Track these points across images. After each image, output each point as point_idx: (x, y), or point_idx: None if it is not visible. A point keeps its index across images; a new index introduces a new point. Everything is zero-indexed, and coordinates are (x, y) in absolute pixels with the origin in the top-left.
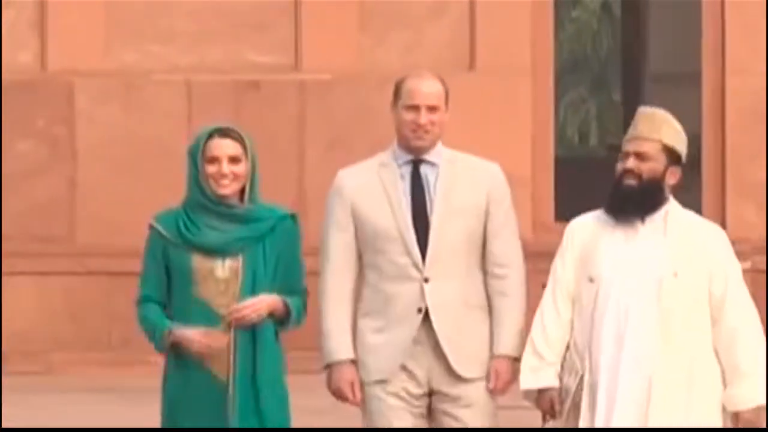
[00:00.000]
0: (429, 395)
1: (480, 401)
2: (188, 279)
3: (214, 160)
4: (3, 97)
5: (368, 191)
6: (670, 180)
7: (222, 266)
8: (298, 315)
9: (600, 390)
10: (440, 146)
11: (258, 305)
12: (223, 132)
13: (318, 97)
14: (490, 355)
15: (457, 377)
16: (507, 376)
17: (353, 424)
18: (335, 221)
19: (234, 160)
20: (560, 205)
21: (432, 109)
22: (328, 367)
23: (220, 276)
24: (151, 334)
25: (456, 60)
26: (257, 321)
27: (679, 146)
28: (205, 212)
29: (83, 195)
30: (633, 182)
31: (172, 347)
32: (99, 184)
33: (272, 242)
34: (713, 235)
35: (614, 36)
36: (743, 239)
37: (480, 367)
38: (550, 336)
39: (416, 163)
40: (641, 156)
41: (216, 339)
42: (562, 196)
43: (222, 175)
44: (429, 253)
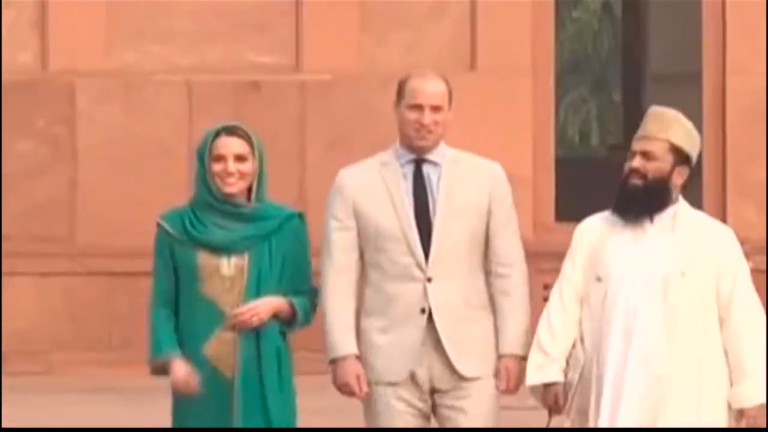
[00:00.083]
0: (431, 393)
1: (482, 400)
2: (194, 276)
3: (221, 159)
4: (3, 97)
5: (370, 190)
6: (677, 180)
7: (228, 264)
8: (305, 315)
9: (605, 387)
10: (443, 146)
11: (258, 309)
12: (231, 130)
13: (318, 98)
14: (497, 355)
15: (460, 376)
16: (517, 375)
17: (357, 424)
18: (337, 220)
19: (240, 159)
20: (561, 206)
21: (436, 109)
22: (333, 363)
23: (226, 274)
24: (151, 348)
25: (456, 60)
26: (259, 324)
27: (688, 146)
28: (212, 211)
29: (83, 195)
30: (638, 182)
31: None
32: (99, 184)
33: (278, 241)
34: (722, 235)
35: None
36: (743, 239)
37: (482, 366)
38: (556, 333)
39: (418, 163)
40: (647, 155)
41: (194, 386)
42: (563, 197)
43: (228, 174)
44: (432, 253)
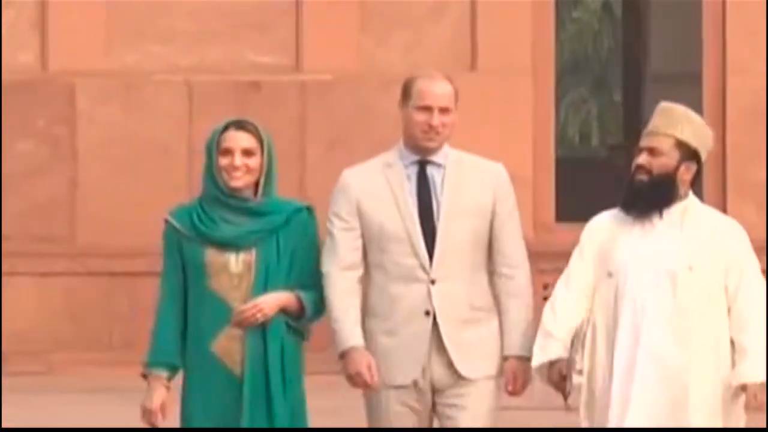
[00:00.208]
0: (432, 393)
1: (482, 398)
2: (202, 272)
3: (228, 152)
4: (3, 97)
5: (374, 191)
6: (685, 176)
7: (235, 260)
8: (315, 308)
9: (614, 382)
10: (446, 147)
11: (262, 305)
12: (239, 125)
13: (318, 98)
14: (503, 357)
15: (460, 377)
16: (524, 377)
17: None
18: (341, 219)
19: (247, 153)
20: (561, 206)
21: (444, 111)
22: (343, 356)
23: (234, 270)
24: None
25: (457, 60)
26: (264, 320)
27: (695, 142)
28: (219, 205)
29: (83, 195)
30: (644, 177)
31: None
32: (99, 184)
33: (286, 235)
34: (730, 230)
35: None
36: None
37: (484, 368)
38: (559, 315)
39: (422, 164)
40: (653, 151)
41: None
42: (563, 197)
43: (234, 168)
44: (436, 255)
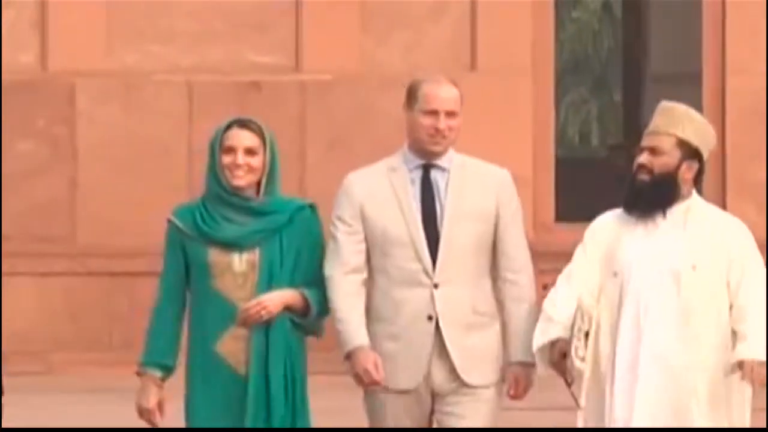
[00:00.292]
0: (432, 397)
1: (481, 405)
2: (206, 272)
3: (230, 151)
4: (3, 97)
5: (378, 195)
6: (687, 174)
7: (239, 260)
8: (320, 306)
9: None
10: (451, 151)
11: (267, 302)
12: (243, 123)
13: (318, 98)
14: (507, 362)
15: (461, 383)
16: (526, 383)
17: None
18: (344, 223)
19: (250, 152)
20: (561, 206)
21: (450, 115)
22: (348, 357)
23: (238, 270)
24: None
25: (457, 60)
26: (268, 318)
27: (696, 141)
28: (222, 204)
29: (83, 195)
30: (645, 177)
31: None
32: (99, 184)
33: (289, 234)
34: (732, 227)
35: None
36: None
37: (486, 374)
38: (559, 304)
39: (427, 168)
40: (654, 151)
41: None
42: (563, 197)
43: (236, 166)
44: (439, 259)
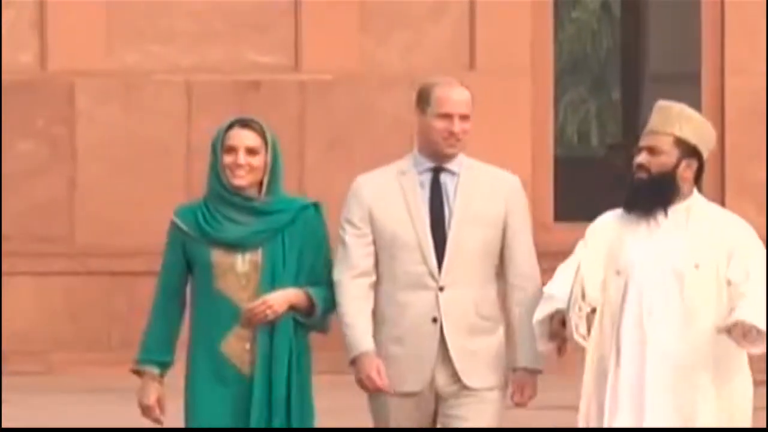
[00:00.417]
0: (435, 400)
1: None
2: (209, 273)
3: (232, 150)
4: (3, 97)
5: (387, 198)
6: (686, 173)
7: (242, 260)
8: (326, 305)
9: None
10: (461, 155)
11: (271, 301)
12: (244, 123)
13: (318, 98)
14: (512, 368)
15: (464, 386)
16: (531, 390)
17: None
18: (353, 226)
19: (251, 152)
20: (560, 205)
21: (463, 118)
22: (353, 362)
23: (241, 270)
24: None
25: (456, 60)
26: (274, 317)
27: (695, 139)
28: (224, 204)
29: (83, 195)
30: (644, 176)
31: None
32: (99, 184)
33: (292, 234)
34: (733, 224)
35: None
36: None
37: (488, 378)
38: (558, 282)
39: (436, 171)
40: (653, 150)
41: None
42: (562, 197)
43: (238, 166)
44: (446, 262)
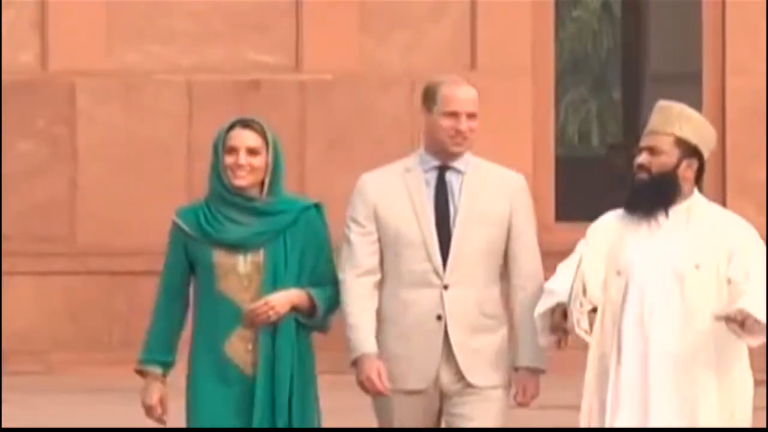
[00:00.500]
0: (440, 399)
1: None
2: (211, 274)
3: (233, 151)
4: (3, 97)
5: (392, 196)
6: (686, 173)
7: (244, 261)
8: (328, 305)
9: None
10: (468, 154)
11: (273, 302)
12: (245, 123)
13: (318, 98)
14: (514, 368)
15: (468, 385)
16: (534, 390)
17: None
18: (357, 224)
19: (252, 152)
20: (561, 205)
21: (471, 116)
22: (355, 363)
23: (242, 271)
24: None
25: (456, 60)
26: (276, 318)
27: (695, 139)
28: (225, 204)
29: (83, 195)
30: (645, 177)
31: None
32: (99, 184)
33: (294, 235)
34: (733, 224)
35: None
36: None
37: (492, 377)
38: (559, 278)
39: (442, 170)
40: (653, 150)
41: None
42: (563, 196)
43: (238, 166)
44: (450, 260)
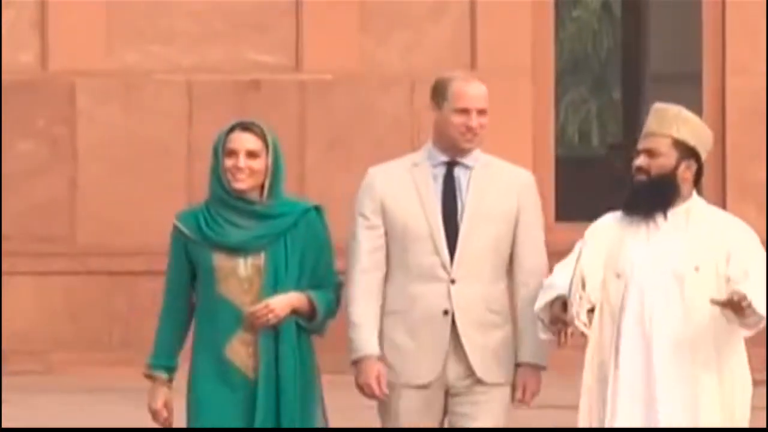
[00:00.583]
0: (445, 394)
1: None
2: (211, 277)
3: (232, 154)
4: (3, 97)
5: (399, 190)
6: (685, 174)
7: (244, 264)
8: (328, 308)
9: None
10: (477, 150)
11: (273, 305)
12: (245, 126)
13: (318, 97)
14: (516, 364)
15: (476, 380)
16: (534, 388)
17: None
18: (364, 218)
19: (252, 155)
20: (561, 205)
21: (481, 112)
22: (355, 363)
23: (243, 274)
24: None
25: (456, 60)
26: (276, 321)
27: (693, 140)
28: (225, 207)
29: (83, 195)
30: (643, 179)
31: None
32: (99, 184)
33: (294, 238)
34: (732, 226)
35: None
36: None
37: (499, 373)
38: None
39: (450, 165)
40: (651, 153)
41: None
42: (563, 196)
43: (238, 169)
44: (457, 254)
